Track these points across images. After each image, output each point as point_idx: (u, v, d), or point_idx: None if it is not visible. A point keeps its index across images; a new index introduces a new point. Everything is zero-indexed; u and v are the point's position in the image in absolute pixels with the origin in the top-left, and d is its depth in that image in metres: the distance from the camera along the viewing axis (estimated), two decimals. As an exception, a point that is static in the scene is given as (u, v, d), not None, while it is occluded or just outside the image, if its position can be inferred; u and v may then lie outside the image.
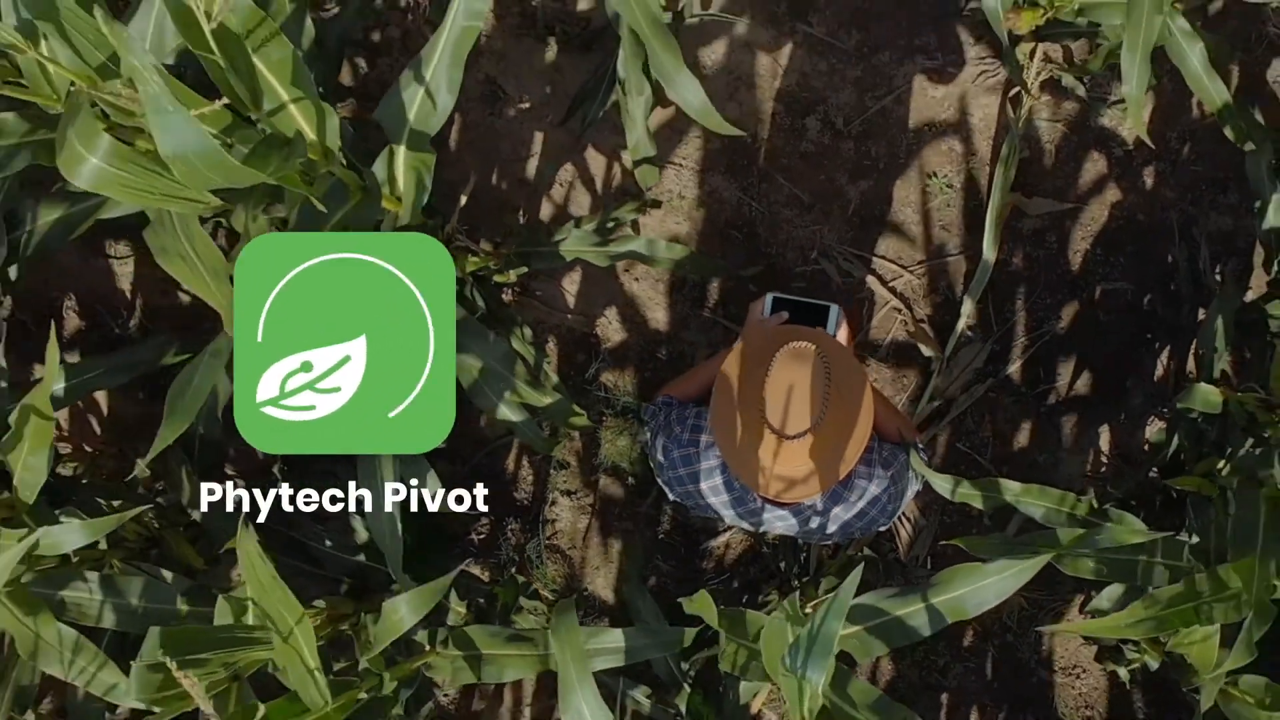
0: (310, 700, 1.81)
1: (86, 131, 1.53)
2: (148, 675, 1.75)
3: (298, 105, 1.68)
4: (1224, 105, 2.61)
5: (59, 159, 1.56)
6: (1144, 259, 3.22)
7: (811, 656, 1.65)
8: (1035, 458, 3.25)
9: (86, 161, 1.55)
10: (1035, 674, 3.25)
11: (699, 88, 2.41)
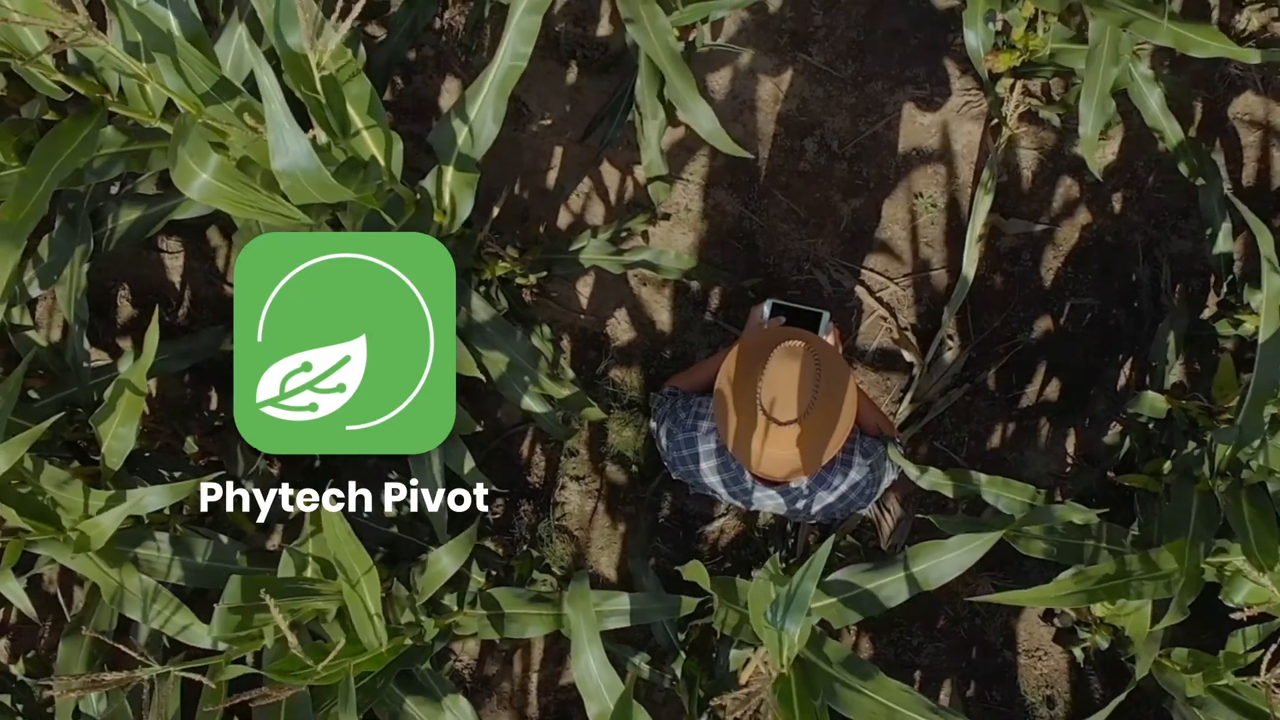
0: (369, 642, 2.10)
1: (197, 151, 1.82)
2: (228, 616, 2.05)
3: (370, 132, 1.97)
4: (1179, 144, 2.90)
5: (174, 173, 1.85)
6: (1110, 277, 3.51)
7: (789, 611, 1.93)
8: (1006, 456, 3.54)
9: (198, 176, 1.84)
10: (1001, 655, 3.54)
11: (712, 114, 2.66)
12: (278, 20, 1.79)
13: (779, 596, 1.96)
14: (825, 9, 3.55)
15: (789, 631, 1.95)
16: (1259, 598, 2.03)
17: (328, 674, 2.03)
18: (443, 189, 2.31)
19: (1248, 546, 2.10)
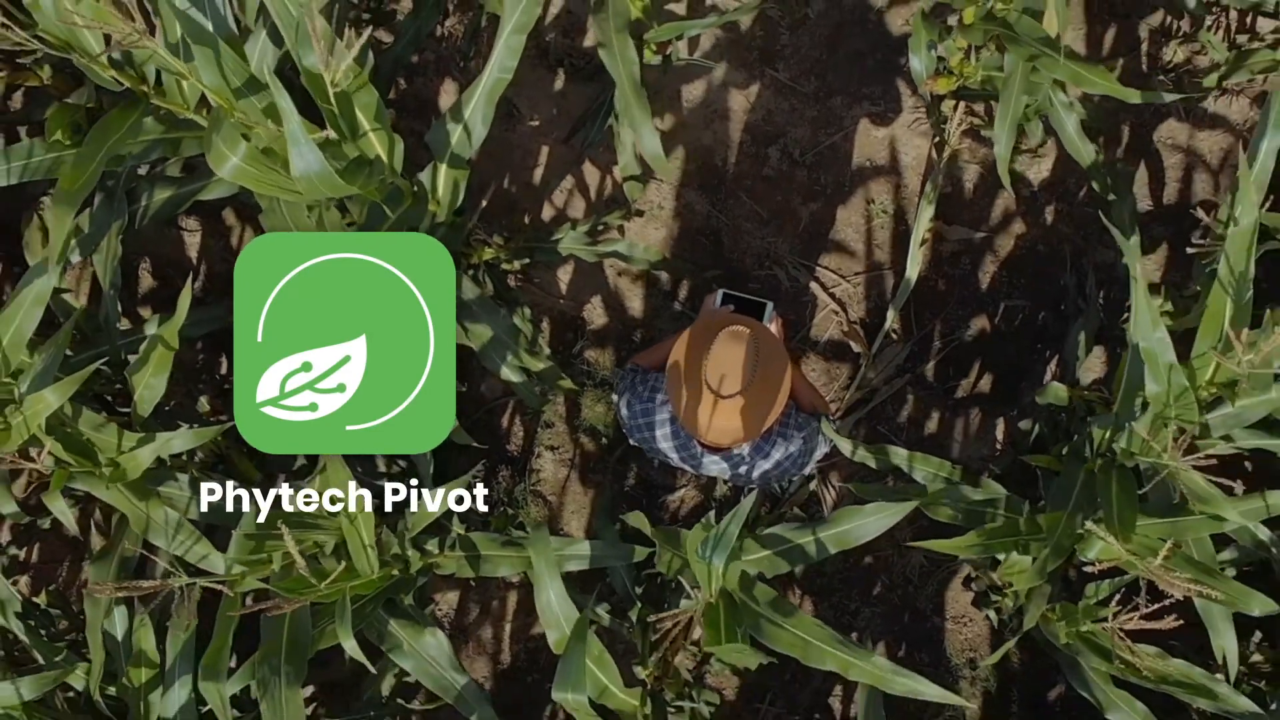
0: (363, 569, 2.46)
1: (230, 139, 2.18)
2: (244, 542, 2.41)
3: (375, 134, 2.33)
4: (1092, 163, 3.26)
5: (209, 156, 2.20)
6: (1040, 282, 3.88)
7: (716, 549, 2.30)
8: (941, 441, 3.90)
9: (229, 160, 2.20)
10: (930, 620, 3.91)
11: (657, 140, 2.96)
12: (297, 43, 2.14)
13: (709, 537, 2.33)
14: (792, 30, 3.91)
15: (716, 565, 2.31)
16: (1109, 554, 2.39)
17: (328, 592, 2.40)
18: (437, 182, 2.66)
19: (1110, 516, 2.47)
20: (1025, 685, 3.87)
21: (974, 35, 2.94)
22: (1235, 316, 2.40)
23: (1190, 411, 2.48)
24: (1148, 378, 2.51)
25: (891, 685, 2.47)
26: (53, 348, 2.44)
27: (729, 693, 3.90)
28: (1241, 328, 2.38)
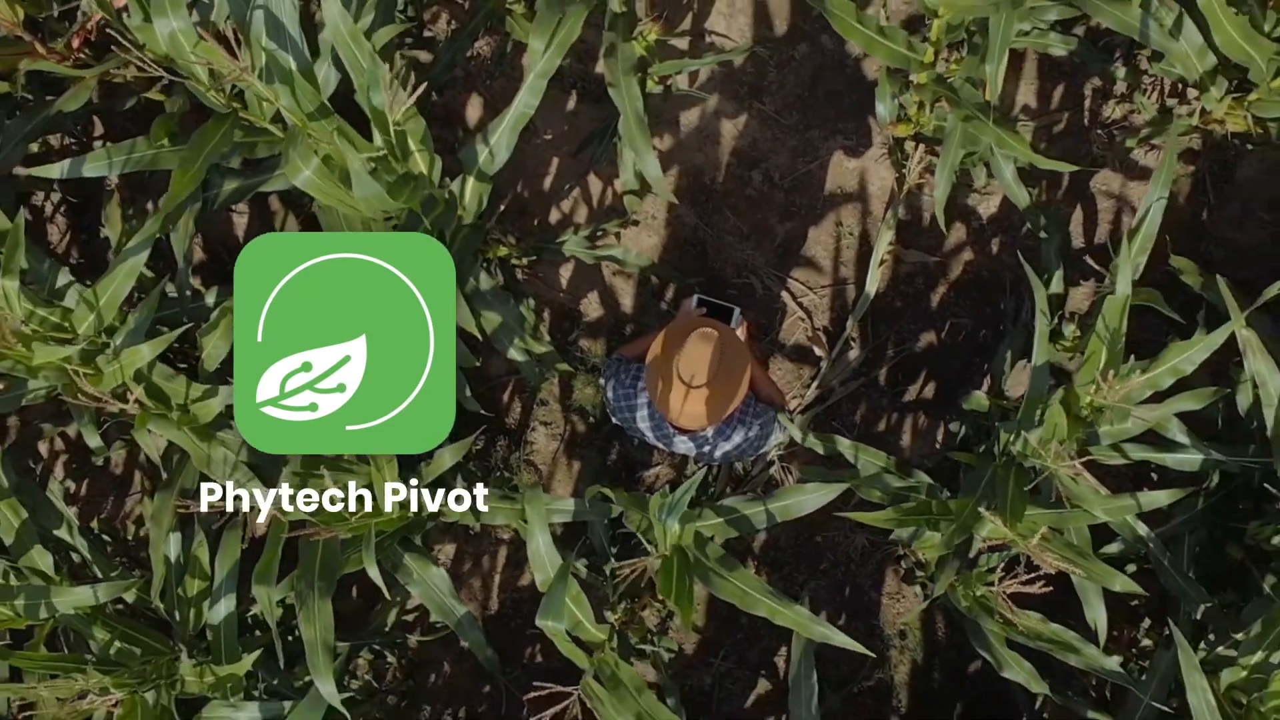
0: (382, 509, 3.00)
1: (304, 154, 2.71)
2: (292, 475, 2.94)
3: (420, 154, 2.86)
4: (1028, 205, 3.79)
5: (285, 166, 2.73)
6: (983, 304, 4.41)
7: (670, 512, 2.84)
8: (888, 438, 4.43)
9: (303, 172, 2.72)
10: (868, 595, 4.45)
11: (658, 166, 3.47)
12: (368, 87, 2.67)
13: (665, 503, 2.87)
14: (779, 68, 4.44)
15: (671, 525, 2.85)
16: (997, 533, 2.93)
17: (356, 525, 2.93)
18: (465, 192, 3.19)
19: (1004, 505, 3.01)
20: (947, 658, 4.40)
21: (925, 93, 3.47)
22: (1107, 362, 2.94)
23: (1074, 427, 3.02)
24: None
25: (810, 631, 3.00)
26: (144, 311, 2.97)
27: (688, 647, 4.43)
28: (1110, 370, 2.92)
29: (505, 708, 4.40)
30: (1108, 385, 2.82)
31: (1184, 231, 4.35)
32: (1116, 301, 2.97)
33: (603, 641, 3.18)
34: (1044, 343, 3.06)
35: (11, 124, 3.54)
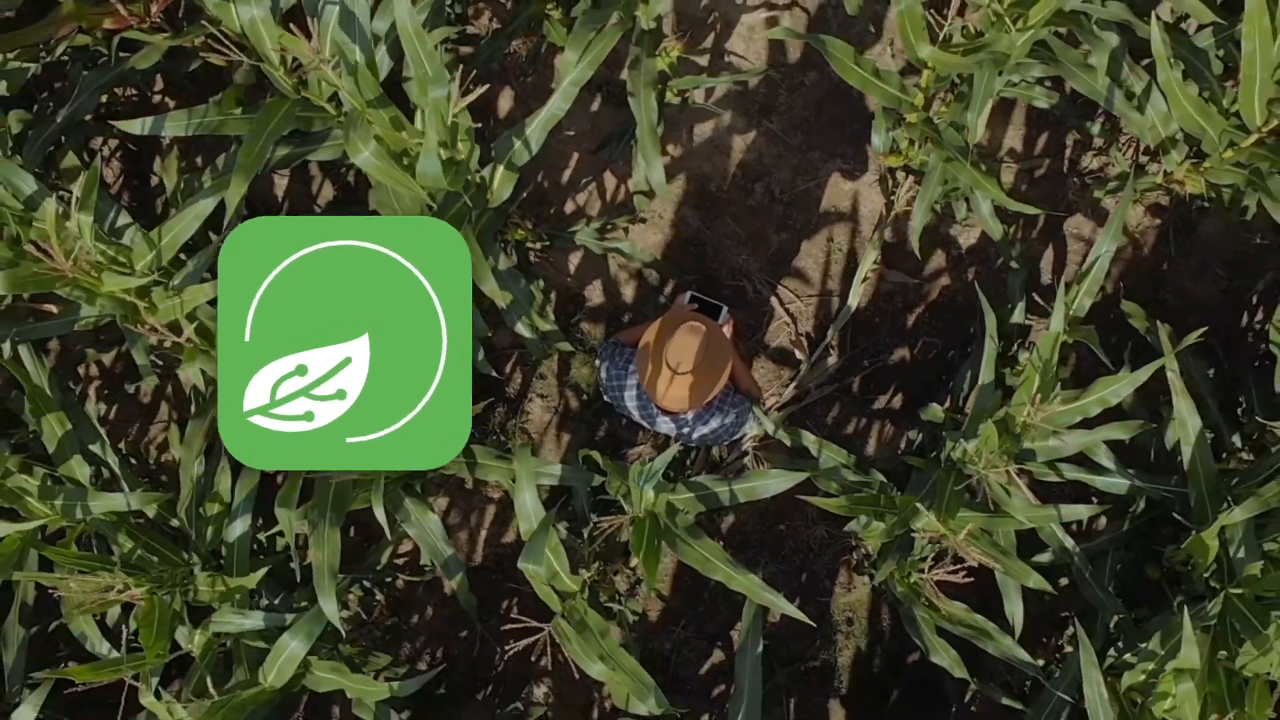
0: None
1: (363, 136, 3.08)
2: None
3: (463, 144, 3.23)
4: (1001, 238, 4.17)
5: (346, 146, 3.09)
6: (955, 325, 4.79)
7: (648, 479, 3.22)
8: (855, 440, 4.82)
9: (362, 152, 3.08)
10: (822, 583, 4.83)
11: (663, 173, 3.85)
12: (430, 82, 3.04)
13: (643, 471, 3.25)
14: (789, 92, 4.82)
15: (646, 491, 3.23)
16: (931, 527, 3.31)
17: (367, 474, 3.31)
18: (495, 179, 3.55)
19: (940, 504, 3.39)
20: (889, 647, 4.79)
21: (914, 132, 3.84)
22: (1039, 388, 3.32)
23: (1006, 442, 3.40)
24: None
25: (759, 598, 3.37)
26: (204, 257, 3.34)
27: (651, 614, 4.81)
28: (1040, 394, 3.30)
29: (479, 651, 4.78)
30: (1034, 408, 3.20)
31: (1145, 278, 4.75)
32: (1049, 337, 3.35)
33: (575, 592, 3.56)
34: (990, 364, 3.45)
35: (88, 75, 3.92)
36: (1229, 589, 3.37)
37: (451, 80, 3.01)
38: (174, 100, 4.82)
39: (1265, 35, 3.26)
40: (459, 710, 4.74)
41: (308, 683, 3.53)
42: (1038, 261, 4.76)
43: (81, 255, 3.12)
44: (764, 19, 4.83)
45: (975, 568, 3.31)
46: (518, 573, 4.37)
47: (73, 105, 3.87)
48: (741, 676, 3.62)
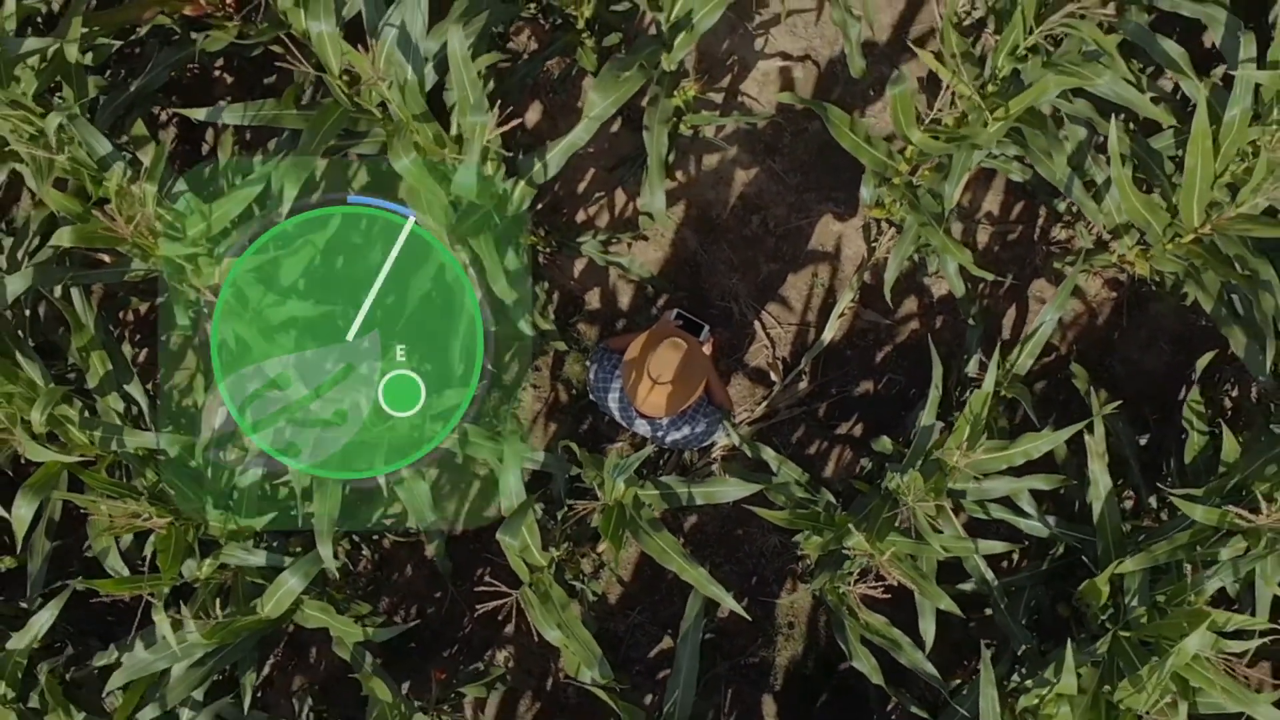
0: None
1: (405, 146, 3.50)
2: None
3: (491, 162, 3.65)
4: (964, 296, 4.59)
5: (390, 153, 3.53)
6: (918, 368, 5.22)
7: (621, 471, 3.65)
8: (815, 462, 5.25)
9: (402, 159, 3.51)
10: (770, 586, 5.27)
11: (664, 201, 4.23)
12: (471, 108, 3.46)
13: (617, 464, 3.68)
14: (793, 136, 5.25)
15: (618, 482, 3.67)
16: (860, 546, 3.74)
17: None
18: (515, 191, 3.97)
19: (870, 529, 3.82)
20: (823, 654, 5.23)
21: (897, 193, 4.27)
22: (969, 437, 3.75)
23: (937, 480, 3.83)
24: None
25: (706, 590, 3.80)
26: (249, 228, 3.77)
27: (611, 597, 5.25)
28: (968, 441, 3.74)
29: (450, 613, 5.22)
30: (962, 454, 3.64)
31: (1097, 344, 5.19)
32: (980, 395, 3.78)
33: (543, 566, 3.98)
34: (933, 408, 3.88)
35: (163, 53, 4.34)
36: (1118, 630, 3.80)
37: (490, 110, 3.43)
38: (231, 77, 5.25)
39: (1206, 154, 3.69)
40: (425, 663, 5.18)
41: (298, 618, 3.96)
42: (1001, 317, 5.20)
43: (143, 221, 3.54)
44: (778, 67, 5.26)
45: (896, 587, 3.75)
46: (493, 544, 4.86)
47: (145, 77, 4.30)
48: (681, 659, 4.06)
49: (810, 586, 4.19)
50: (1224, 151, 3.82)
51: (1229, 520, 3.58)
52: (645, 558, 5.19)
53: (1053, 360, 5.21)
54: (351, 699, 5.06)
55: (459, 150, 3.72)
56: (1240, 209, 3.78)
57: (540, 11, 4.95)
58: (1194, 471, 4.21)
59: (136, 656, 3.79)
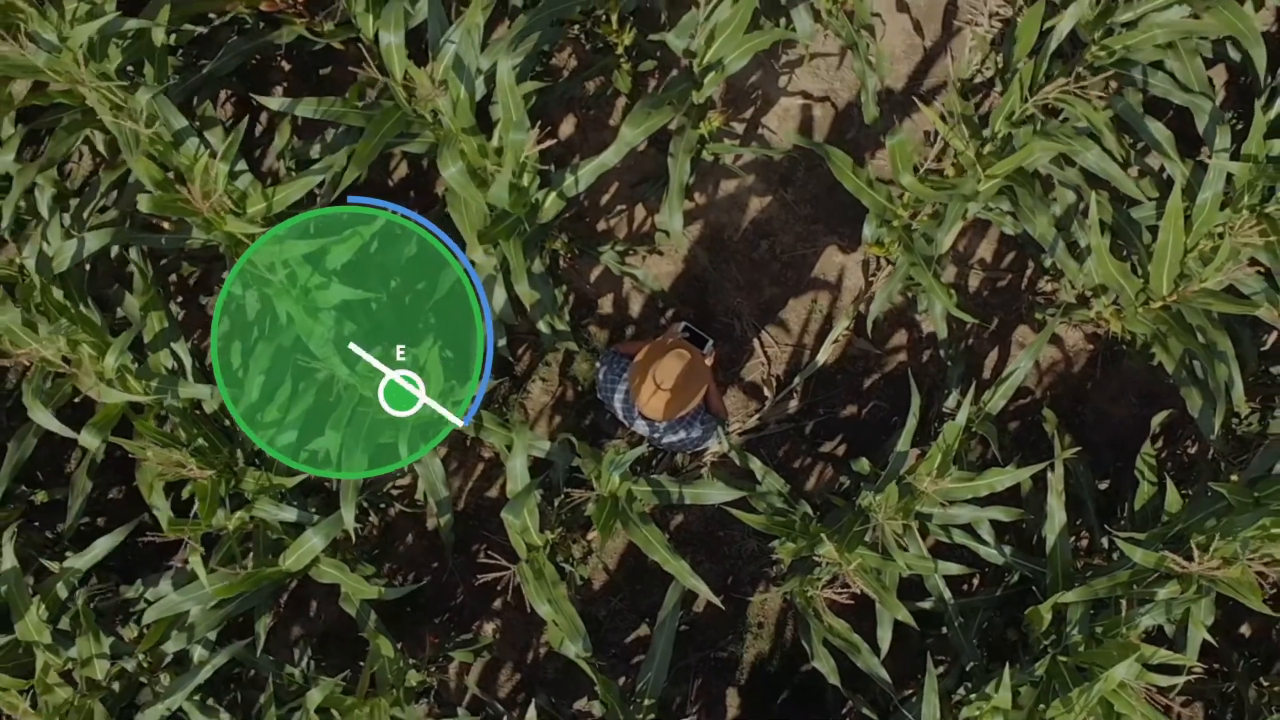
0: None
1: (453, 155, 3.87)
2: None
3: (528, 174, 4.03)
4: (946, 337, 4.96)
5: (439, 159, 3.89)
6: (901, 397, 5.57)
7: (617, 466, 4.02)
8: (798, 475, 5.62)
9: (450, 167, 3.88)
10: (744, 587, 5.63)
11: (681, 223, 4.59)
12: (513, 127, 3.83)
13: (614, 459, 4.05)
14: (807, 170, 5.62)
15: (614, 475, 4.04)
16: (829, 555, 4.12)
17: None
18: (546, 202, 4.34)
19: (841, 540, 4.19)
20: (788, 654, 5.60)
21: (894, 235, 4.64)
22: (940, 466, 4.13)
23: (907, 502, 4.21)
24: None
25: (686, 580, 4.17)
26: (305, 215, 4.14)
27: (595, 583, 5.62)
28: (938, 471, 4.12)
29: (445, 584, 5.59)
30: (932, 481, 4.02)
31: (1070, 391, 5.56)
32: (953, 427, 4.16)
33: (539, 546, 4.35)
34: (909, 436, 4.26)
35: (236, 41, 4.72)
36: (1056, 655, 4.18)
37: (531, 129, 3.81)
38: (289, 64, 5.62)
39: (1178, 231, 4.07)
40: (417, 628, 5.55)
41: (313, 573, 4.33)
42: (984, 357, 5.57)
43: (213, 197, 3.91)
44: (799, 105, 5.64)
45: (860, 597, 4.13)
46: (492, 522, 5.26)
47: (217, 62, 4.67)
48: (657, 643, 4.44)
49: (782, 588, 4.57)
50: (1195, 229, 4.20)
51: (1165, 564, 3.95)
52: (630, 549, 5.58)
53: (1029, 402, 5.59)
54: (347, 652, 5.45)
55: (499, 160, 4.09)
56: (1204, 284, 4.15)
57: (584, 33, 5.32)
58: (1142, 518, 4.58)
59: (167, 596, 4.17)
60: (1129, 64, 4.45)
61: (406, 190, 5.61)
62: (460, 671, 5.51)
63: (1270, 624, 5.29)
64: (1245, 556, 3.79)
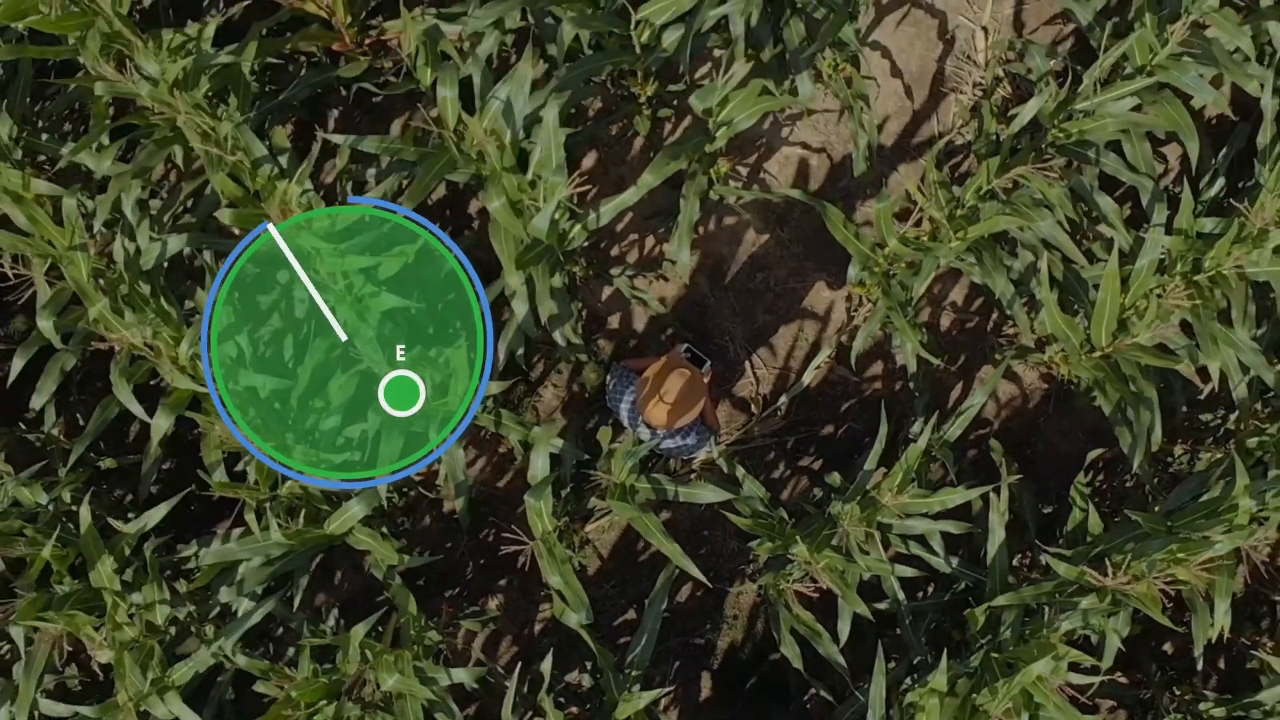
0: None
1: (497, 191, 4.52)
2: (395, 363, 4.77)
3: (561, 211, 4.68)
4: (914, 372, 5.62)
5: (484, 195, 4.54)
6: (875, 420, 6.17)
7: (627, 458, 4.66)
8: (779, 485, 6.27)
9: (494, 202, 4.52)
10: (725, 583, 6.28)
11: (688, 257, 5.28)
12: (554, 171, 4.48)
13: (626, 452, 4.70)
14: (803, 213, 6.28)
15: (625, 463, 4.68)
16: (801, 554, 4.76)
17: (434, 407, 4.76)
18: (571, 232, 4.99)
19: (812, 542, 4.85)
20: (759, 645, 6.23)
21: (875, 279, 5.30)
22: (900, 483, 4.79)
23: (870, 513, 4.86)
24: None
25: (678, 561, 4.78)
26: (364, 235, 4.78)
27: (590, 569, 6.26)
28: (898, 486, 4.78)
29: (457, 561, 6.23)
30: (892, 495, 4.68)
31: (1024, 425, 6.23)
32: (914, 450, 4.81)
33: (550, 530, 5.00)
34: (876, 455, 4.92)
35: (306, 74, 5.37)
36: (989, 651, 4.84)
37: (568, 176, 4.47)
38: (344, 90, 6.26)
39: (1114, 291, 4.74)
40: (429, 599, 6.19)
41: (350, 539, 4.97)
42: (950, 389, 6.22)
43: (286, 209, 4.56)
44: (799, 154, 6.30)
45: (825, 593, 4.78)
46: (500, 508, 5.91)
47: (290, 92, 5.32)
48: (645, 621, 5.08)
49: (757, 582, 5.21)
50: (1134, 291, 4.87)
51: (1084, 578, 4.61)
52: (621, 541, 6.22)
53: (987, 432, 6.25)
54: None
55: (533, 193, 4.75)
56: (1136, 339, 4.82)
57: (609, 81, 5.98)
58: (1072, 538, 5.24)
59: (226, 548, 4.81)
60: (1086, 144, 5.12)
61: (443, 210, 6.25)
62: (466, 639, 6.15)
63: (1188, 641, 5.95)
64: (1151, 576, 4.45)
